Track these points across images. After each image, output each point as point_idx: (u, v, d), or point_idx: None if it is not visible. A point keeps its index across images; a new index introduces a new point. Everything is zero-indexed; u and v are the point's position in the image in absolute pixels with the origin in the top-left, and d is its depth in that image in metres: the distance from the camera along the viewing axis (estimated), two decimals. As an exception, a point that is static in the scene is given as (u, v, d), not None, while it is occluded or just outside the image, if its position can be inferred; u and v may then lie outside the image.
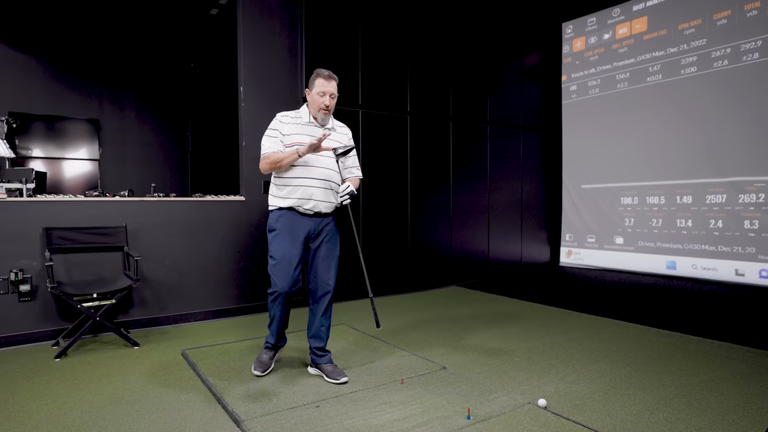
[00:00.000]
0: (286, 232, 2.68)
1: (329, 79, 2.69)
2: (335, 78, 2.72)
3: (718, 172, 5.47)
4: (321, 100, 2.68)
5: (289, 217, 2.69)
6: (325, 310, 2.81)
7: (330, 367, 2.74)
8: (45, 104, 6.20)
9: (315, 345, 2.81)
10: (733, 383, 2.67)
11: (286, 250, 2.67)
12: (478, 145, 6.10)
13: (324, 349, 2.81)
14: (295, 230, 2.68)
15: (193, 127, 7.35)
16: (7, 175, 3.69)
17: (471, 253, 6.02)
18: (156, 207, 3.96)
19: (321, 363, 2.78)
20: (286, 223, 2.69)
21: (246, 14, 4.38)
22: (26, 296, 3.45)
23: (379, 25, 5.19)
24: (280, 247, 2.68)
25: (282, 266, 2.67)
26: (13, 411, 2.39)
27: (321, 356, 2.80)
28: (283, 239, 2.68)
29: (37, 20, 6.09)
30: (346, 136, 2.84)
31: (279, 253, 2.68)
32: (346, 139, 2.83)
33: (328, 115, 2.73)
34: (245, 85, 4.36)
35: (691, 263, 5.69)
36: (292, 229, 2.68)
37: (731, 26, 5.34)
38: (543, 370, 2.91)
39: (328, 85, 2.68)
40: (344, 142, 2.79)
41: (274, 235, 2.71)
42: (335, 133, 2.79)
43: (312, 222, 2.72)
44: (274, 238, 2.71)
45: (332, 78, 2.70)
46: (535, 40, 6.78)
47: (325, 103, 2.67)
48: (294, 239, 2.68)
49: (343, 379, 2.67)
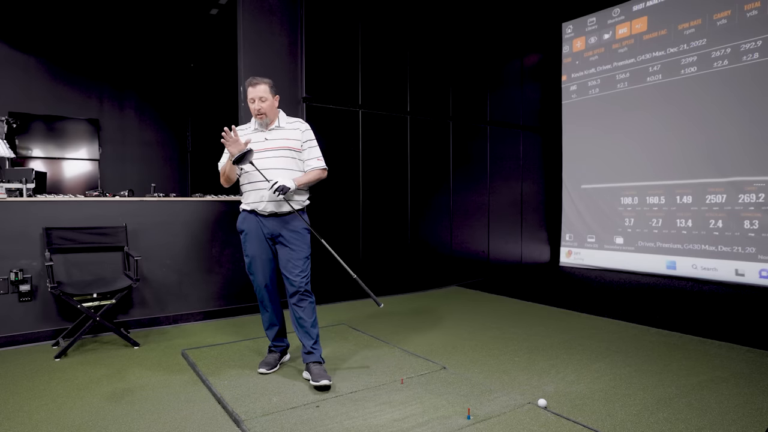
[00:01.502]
0: (252, 233, 2.82)
1: (254, 84, 2.75)
2: (263, 81, 2.76)
3: (718, 172, 5.47)
4: (252, 106, 2.77)
5: (251, 219, 2.82)
6: (304, 307, 2.77)
7: (316, 369, 2.68)
8: (45, 104, 6.20)
9: (302, 341, 2.80)
10: (733, 383, 2.67)
11: (254, 247, 2.82)
12: (478, 145, 6.10)
13: (313, 347, 2.76)
14: (258, 230, 2.81)
15: (193, 127, 7.35)
16: (7, 175, 3.69)
17: (471, 253, 6.02)
18: (156, 207, 3.96)
19: (309, 362, 2.74)
20: (249, 224, 2.83)
21: (246, 14, 4.38)
22: (26, 296, 3.45)
23: (379, 24, 5.19)
24: (249, 246, 2.83)
25: (254, 262, 2.83)
26: (13, 411, 2.39)
27: (309, 354, 2.76)
28: (250, 239, 2.83)
29: (37, 20, 6.09)
30: (298, 131, 2.84)
31: (249, 251, 2.84)
32: (298, 133, 2.83)
33: (265, 118, 2.78)
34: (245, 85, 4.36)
35: (691, 263, 5.69)
36: (255, 229, 2.81)
37: (731, 26, 5.33)
38: (543, 370, 2.91)
39: (254, 90, 2.74)
40: (295, 137, 2.81)
41: (243, 235, 2.86)
42: (283, 131, 2.81)
43: (270, 222, 2.79)
44: (244, 239, 2.86)
45: (258, 82, 2.75)
46: (535, 40, 6.78)
47: (255, 108, 2.75)
48: (259, 238, 2.81)
49: (323, 381, 2.57)
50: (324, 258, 3.35)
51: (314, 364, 2.71)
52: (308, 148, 2.86)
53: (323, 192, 4.52)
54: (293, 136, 2.82)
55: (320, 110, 4.80)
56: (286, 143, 2.79)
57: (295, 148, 2.81)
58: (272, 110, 2.81)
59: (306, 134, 2.86)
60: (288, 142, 2.80)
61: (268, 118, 2.80)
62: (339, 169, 4.85)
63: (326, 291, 4.65)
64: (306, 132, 2.87)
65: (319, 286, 3.86)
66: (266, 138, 2.79)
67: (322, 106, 4.82)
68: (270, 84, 2.79)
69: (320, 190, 3.12)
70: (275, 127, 2.83)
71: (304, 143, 2.85)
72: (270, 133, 2.81)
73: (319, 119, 4.74)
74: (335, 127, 4.90)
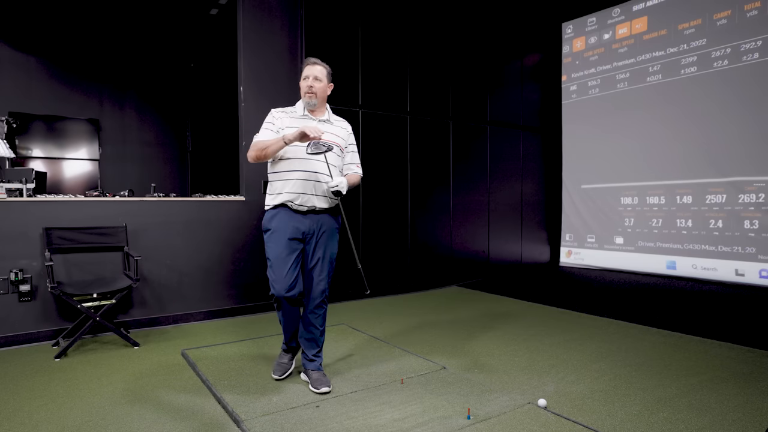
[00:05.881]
0: (281, 231, 2.55)
1: (314, 63, 2.62)
2: (320, 63, 2.63)
3: (718, 172, 5.47)
4: (303, 83, 2.61)
5: (284, 215, 2.56)
6: (319, 314, 2.68)
7: (316, 375, 2.62)
8: (45, 104, 6.19)
9: (306, 349, 2.71)
10: (733, 383, 2.67)
11: (281, 250, 2.54)
12: (478, 145, 6.10)
13: (315, 355, 2.69)
14: (289, 228, 2.55)
15: (193, 127, 7.35)
16: (7, 175, 3.69)
17: (471, 253, 6.02)
18: (156, 207, 3.96)
19: (309, 368, 2.67)
20: (280, 221, 2.56)
21: (246, 14, 4.38)
22: (26, 296, 3.45)
23: (379, 25, 5.19)
24: (275, 247, 2.55)
25: (277, 268, 2.53)
26: (13, 411, 2.39)
27: (310, 361, 2.69)
28: (278, 239, 2.55)
29: (37, 20, 6.09)
30: (345, 130, 2.73)
31: (274, 253, 2.55)
32: (345, 133, 2.72)
33: (314, 98, 2.61)
34: (245, 85, 4.36)
35: (691, 263, 5.69)
36: (286, 227, 2.55)
37: (731, 26, 5.33)
38: (543, 370, 2.91)
39: (312, 69, 2.60)
40: (342, 135, 2.69)
41: (269, 234, 2.59)
42: (331, 126, 2.68)
43: (307, 219, 2.58)
44: (269, 238, 2.59)
45: (316, 63, 2.62)
46: (535, 40, 6.78)
47: (308, 84, 2.59)
48: (290, 237, 2.55)
49: (324, 389, 2.54)
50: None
51: (314, 371, 2.67)
52: (352, 151, 2.76)
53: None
54: (341, 135, 2.69)
55: (320, 110, 4.79)
56: (335, 139, 2.64)
57: (342, 146, 2.68)
58: (323, 95, 2.65)
59: (351, 137, 2.76)
60: (337, 138, 2.65)
61: (316, 100, 2.62)
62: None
63: (326, 291, 4.65)
64: (351, 134, 2.77)
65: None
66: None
67: (322, 106, 4.81)
68: (328, 69, 2.66)
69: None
70: (326, 120, 2.67)
71: (348, 145, 2.74)
72: (321, 125, 2.62)
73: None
74: (335, 127, 4.89)
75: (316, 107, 2.65)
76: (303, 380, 2.73)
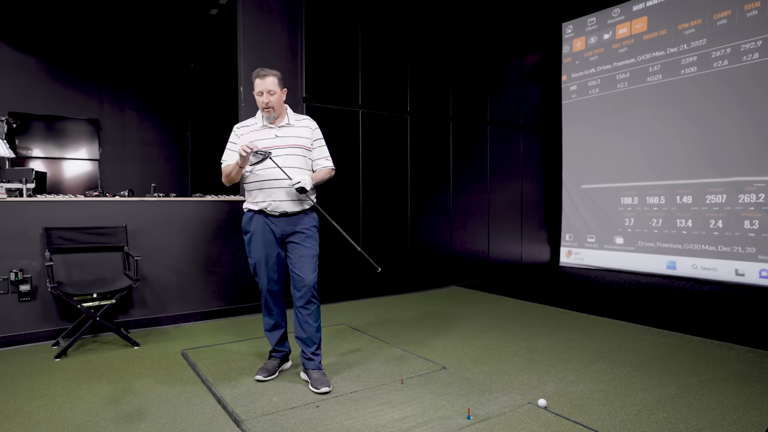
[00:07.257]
0: (258, 234, 2.72)
1: (263, 76, 2.63)
2: (272, 73, 2.65)
3: (718, 172, 5.47)
4: (259, 99, 2.66)
5: (260, 219, 2.71)
6: (311, 310, 2.71)
7: (316, 374, 2.64)
8: (45, 104, 6.20)
9: (303, 347, 2.73)
10: (733, 383, 2.67)
11: (260, 249, 2.71)
12: (478, 145, 6.10)
13: (314, 353, 2.71)
14: (265, 231, 2.70)
15: (193, 127, 7.35)
16: (7, 175, 3.69)
17: (471, 253, 6.02)
18: (156, 207, 3.96)
19: (308, 368, 2.69)
20: (257, 224, 2.72)
21: (246, 14, 4.38)
22: (26, 296, 3.45)
23: (379, 25, 5.19)
24: (255, 248, 2.73)
25: (260, 264, 2.73)
26: (13, 411, 2.39)
27: (309, 360, 2.70)
28: (256, 240, 2.72)
29: (37, 20, 6.09)
30: (308, 129, 2.77)
31: (255, 253, 2.74)
32: (308, 131, 2.76)
33: (273, 112, 2.68)
34: (245, 85, 4.36)
35: (691, 263, 5.69)
36: (263, 230, 2.70)
37: (731, 26, 5.33)
38: (543, 370, 2.91)
39: (263, 83, 2.62)
40: (305, 135, 2.74)
41: (249, 237, 2.76)
42: (293, 129, 2.73)
43: (281, 222, 2.70)
44: (249, 240, 2.76)
45: (267, 74, 2.63)
46: (535, 40, 6.78)
47: (263, 101, 2.64)
48: (266, 239, 2.71)
49: (324, 389, 2.55)
50: (324, 259, 3.34)
51: (314, 370, 2.67)
52: (318, 147, 2.81)
53: (323, 191, 4.49)
54: (304, 134, 2.75)
55: (320, 110, 4.80)
56: (297, 141, 2.71)
57: (306, 146, 2.74)
58: (280, 104, 2.71)
59: (315, 133, 2.80)
60: (299, 140, 2.72)
61: (275, 113, 2.70)
62: (339, 169, 4.81)
63: (326, 291, 4.65)
64: (315, 131, 2.81)
65: (320, 287, 3.85)
66: (277, 135, 2.70)
67: (322, 106, 4.82)
68: (279, 76, 2.68)
69: (320, 190, 3.12)
70: (285, 125, 2.74)
71: (314, 142, 2.79)
72: (280, 131, 2.71)
73: (319, 119, 4.65)
74: (335, 127, 4.90)
75: (275, 117, 2.74)
76: (303, 380, 2.73)
